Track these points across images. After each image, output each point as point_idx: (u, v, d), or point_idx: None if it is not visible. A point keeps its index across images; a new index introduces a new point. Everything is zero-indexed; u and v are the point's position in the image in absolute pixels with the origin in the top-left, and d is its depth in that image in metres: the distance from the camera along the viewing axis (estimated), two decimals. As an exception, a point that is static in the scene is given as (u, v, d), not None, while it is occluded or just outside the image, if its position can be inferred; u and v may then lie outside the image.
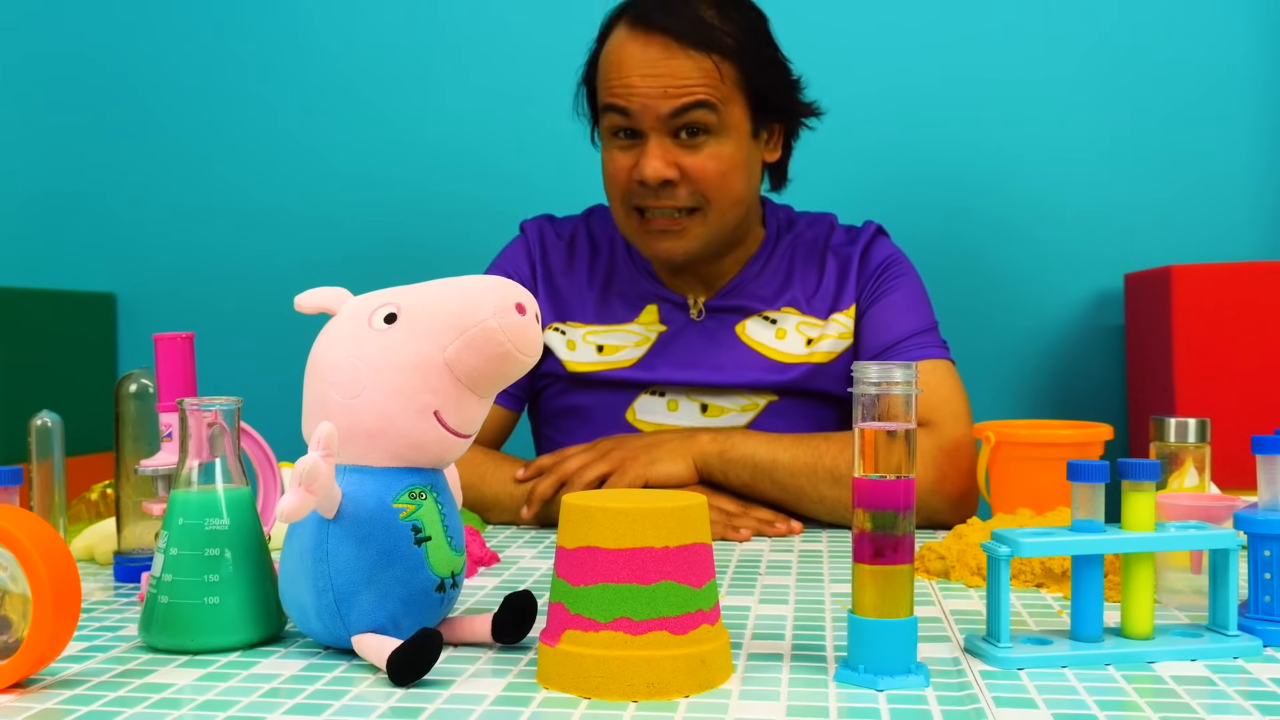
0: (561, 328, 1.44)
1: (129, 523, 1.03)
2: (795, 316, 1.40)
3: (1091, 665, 0.73)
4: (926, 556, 1.02)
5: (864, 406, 0.70)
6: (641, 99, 1.30)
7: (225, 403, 0.81)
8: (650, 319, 1.43)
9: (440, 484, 0.78)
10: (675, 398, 1.40)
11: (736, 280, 1.43)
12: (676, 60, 1.30)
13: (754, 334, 1.41)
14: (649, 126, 1.31)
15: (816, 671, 0.72)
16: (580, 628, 0.68)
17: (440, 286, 0.77)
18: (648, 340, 1.42)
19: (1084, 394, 1.97)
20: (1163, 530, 0.77)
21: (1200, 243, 1.94)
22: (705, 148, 1.32)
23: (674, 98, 1.30)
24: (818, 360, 1.39)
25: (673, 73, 1.30)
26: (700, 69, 1.30)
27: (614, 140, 1.36)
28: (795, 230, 1.46)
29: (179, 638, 0.78)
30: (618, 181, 1.36)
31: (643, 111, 1.31)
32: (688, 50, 1.30)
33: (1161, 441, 0.96)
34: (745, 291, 1.42)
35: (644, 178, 1.31)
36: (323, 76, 2.11)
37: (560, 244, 1.48)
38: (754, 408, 1.39)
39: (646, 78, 1.30)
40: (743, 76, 1.34)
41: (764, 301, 1.42)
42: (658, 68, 1.30)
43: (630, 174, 1.34)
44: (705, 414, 1.40)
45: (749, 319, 1.41)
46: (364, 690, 0.70)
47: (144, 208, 2.17)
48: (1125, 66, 1.95)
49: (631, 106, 1.31)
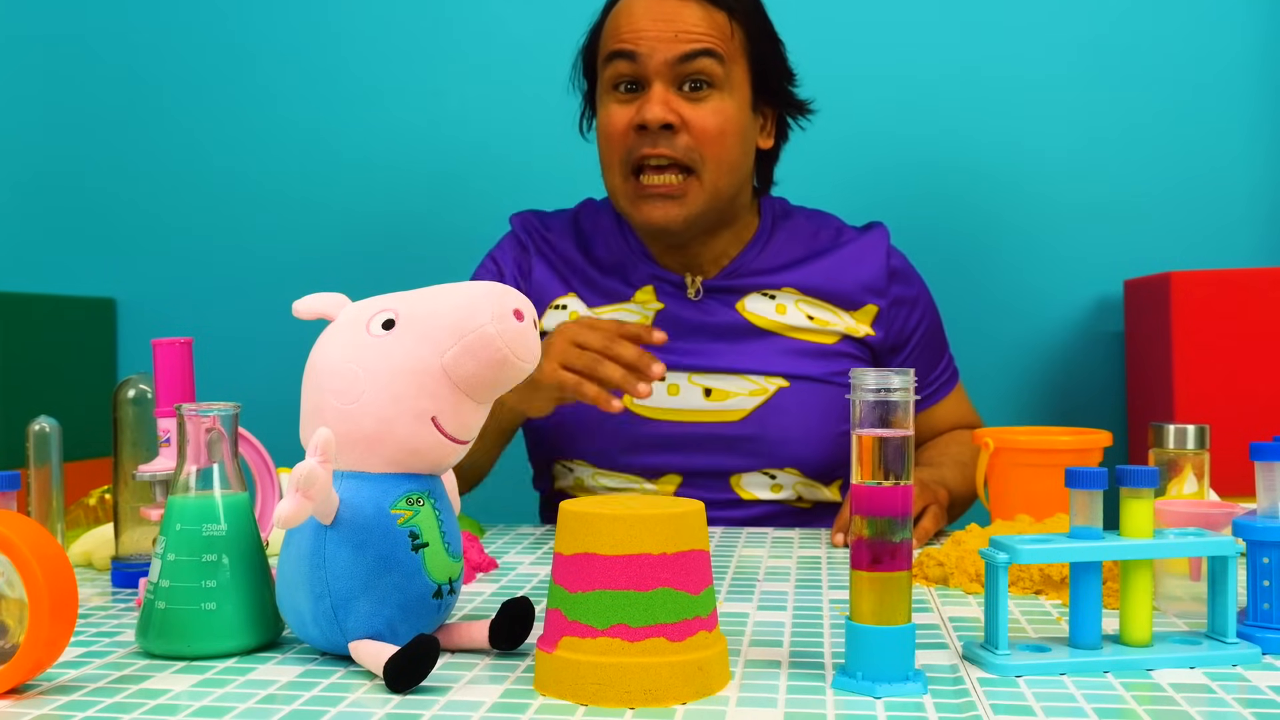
0: (561, 302, 1.43)
1: (127, 528, 1.03)
2: (795, 295, 1.40)
3: (1090, 673, 0.73)
4: (925, 563, 1.01)
5: (862, 413, 0.70)
6: (650, 42, 1.32)
7: (223, 408, 0.81)
8: (647, 297, 1.41)
9: (438, 490, 0.78)
10: (675, 382, 1.38)
11: (735, 263, 1.41)
12: (689, 8, 1.33)
13: (754, 308, 1.39)
14: (654, 71, 1.32)
15: (814, 678, 0.72)
16: (578, 634, 0.68)
17: (438, 292, 0.77)
18: (646, 319, 1.40)
19: (1083, 400, 1.97)
20: (1161, 537, 0.76)
21: (1200, 249, 1.94)
22: (708, 101, 1.33)
23: (684, 42, 1.32)
24: (824, 341, 1.39)
25: (684, 19, 1.33)
26: (711, 20, 1.33)
27: (614, 95, 1.35)
28: (794, 220, 1.46)
29: (176, 643, 0.78)
30: (615, 134, 1.35)
31: (650, 55, 1.32)
32: (701, 1, 1.33)
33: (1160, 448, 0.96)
34: (744, 271, 1.41)
35: (645, 119, 1.31)
36: (324, 81, 2.11)
37: (550, 233, 1.47)
38: (762, 393, 1.37)
39: (658, 22, 1.33)
40: (749, 43, 1.36)
41: (763, 278, 1.41)
42: (669, 13, 1.33)
43: (630, 124, 1.33)
44: (708, 398, 1.37)
45: (748, 296, 1.40)
46: (361, 696, 0.70)
47: (145, 213, 2.17)
48: (1124, 72, 1.95)
49: (640, 49, 1.32)
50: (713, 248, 1.41)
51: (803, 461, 1.38)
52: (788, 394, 1.37)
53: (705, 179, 1.33)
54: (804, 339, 1.39)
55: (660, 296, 1.41)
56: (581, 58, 1.45)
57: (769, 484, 1.38)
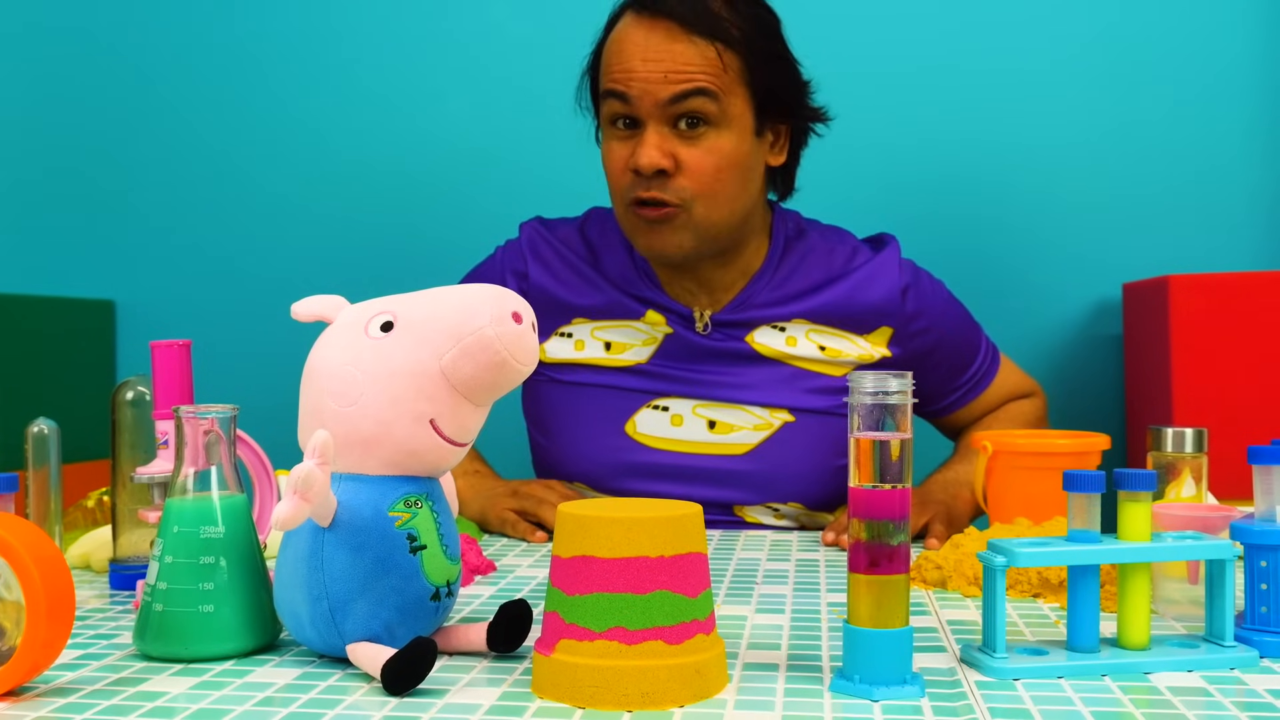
0: (567, 330, 1.42)
1: (125, 530, 1.03)
2: (805, 325, 1.38)
3: (1087, 676, 0.73)
4: (924, 566, 1.01)
5: (860, 416, 0.70)
6: (641, 84, 1.29)
7: (221, 410, 0.81)
8: (657, 319, 1.40)
9: (436, 492, 0.78)
10: (680, 413, 1.37)
11: (743, 295, 1.39)
12: (679, 46, 1.29)
13: (763, 340, 1.38)
14: (647, 113, 1.30)
15: (812, 681, 0.72)
16: (575, 637, 0.68)
17: (437, 295, 0.77)
18: (654, 340, 1.39)
19: (1082, 404, 1.97)
20: (1159, 540, 0.76)
21: (1198, 253, 1.94)
22: (704, 140, 1.30)
23: (674, 83, 1.29)
24: (832, 373, 1.37)
25: (674, 58, 1.29)
26: (703, 56, 1.29)
27: (613, 130, 1.34)
28: (807, 240, 1.43)
29: (173, 645, 0.78)
30: (615, 174, 1.34)
31: (642, 97, 1.30)
32: (691, 36, 1.29)
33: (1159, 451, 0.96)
34: (752, 303, 1.39)
35: (638, 165, 1.29)
36: (323, 84, 2.11)
37: (557, 247, 1.45)
38: (767, 427, 1.36)
39: (648, 62, 1.29)
40: (746, 69, 1.32)
41: (772, 310, 1.39)
42: (659, 53, 1.29)
43: (626, 165, 1.32)
44: (712, 431, 1.37)
45: (757, 329, 1.38)
46: (358, 699, 0.70)
47: (144, 215, 2.17)
48: (1123, 75, 1.95)
49: (631, 92, 1.30)
50: (721, 276, 1.39)
51: (806, 497, 1.38)
52: (793, 429, 1.36)
53: (697, 214, 1.31)
54: (814, 370, 1.37)
55: (669, 322, 1.40)
56: (587, 75, 1.44)
57: (772, 515, 1.39)
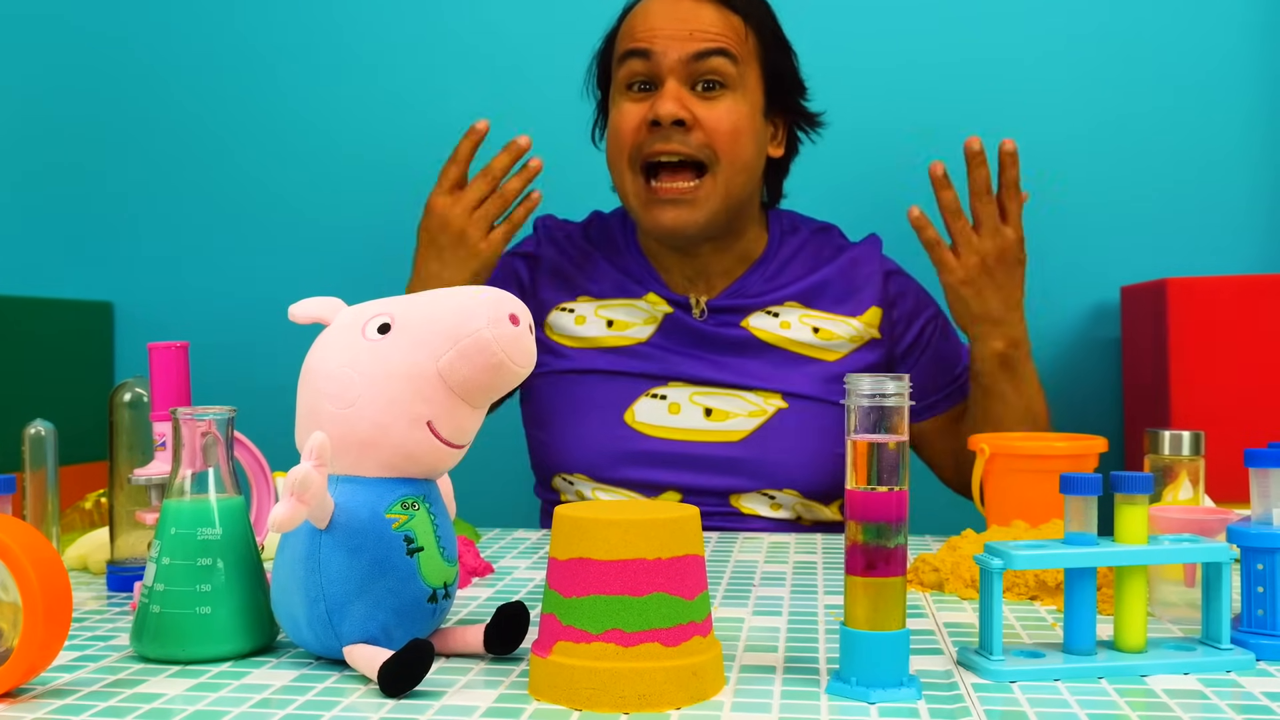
0: (570, 305, 1.44)
1: (122, 532, 1.03)
2: (798, 309, 1.41)
3: (1084, 678, 0.73)
4: (921, 569, 1.02)
5: (857, 418, 0.70)
6: (665, 40, 1.34)
7: (219, 412, 0.81)
8: (657, 299, 1.43)
9: (433, 494, 0.78)
10: (678, 400, 1.39)
11: (739, 283, 1.42)
12: (705, 10, 1.35)
13: (758, 324, 1.40)
14: (668, 69, 1.33)
15: (809, 684, 0.72)
16: (572, 639, 0.68)
17: (434, 297, 0.77)
18: (655, 319, 1.41)
19: (1080, 406, 1.97)
20: (1156, 543, 0.77)
21: (1197, 256, 1.94)
22: (722, 101, 1.34)
23: (698, 40, 1.33)
24: (826, 358, 1.39)
25: (699, 19, 1.35)
26: (728, 22, 1.36)
27: (628, 94, 1.37)
28: (800, 234, 1.47)
29: (170, 647, 0.78)
30: (627, 131, 1.35)
31: (664, 53, 1.33)
32: (716, 4, 1.36)
33: (1156, 454, 0.96)
34: (747, 292, 1.42)
35: (658, 114, 1.32)
36: (323, 86, 2.11)
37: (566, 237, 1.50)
38: (761, 413, 1.38)
39: (673, 21, 1.35)
40: (762, 48, 1.38)
41: (766, 297, 1.42)
42: (684, 13, 1.35)
43: (642, 120, 1.34)
44: (708, 418, 1.38)
45: (752, 314, 1.41)
46: (355, 701, 0.70)
47: (142, 217, 2.17)
48: (1121, 77, 1.95)
49: (654, 47, 1.33)
50: (719, 261, 1.42)
51: (801, 483, 1.39)
52: (787, 415, 1.38)
53: (719, 177, 1.34)
54: (808, 355, 1.39)
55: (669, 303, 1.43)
56: (596, 63, 1.46)
57: (768, 503, 1.39)
